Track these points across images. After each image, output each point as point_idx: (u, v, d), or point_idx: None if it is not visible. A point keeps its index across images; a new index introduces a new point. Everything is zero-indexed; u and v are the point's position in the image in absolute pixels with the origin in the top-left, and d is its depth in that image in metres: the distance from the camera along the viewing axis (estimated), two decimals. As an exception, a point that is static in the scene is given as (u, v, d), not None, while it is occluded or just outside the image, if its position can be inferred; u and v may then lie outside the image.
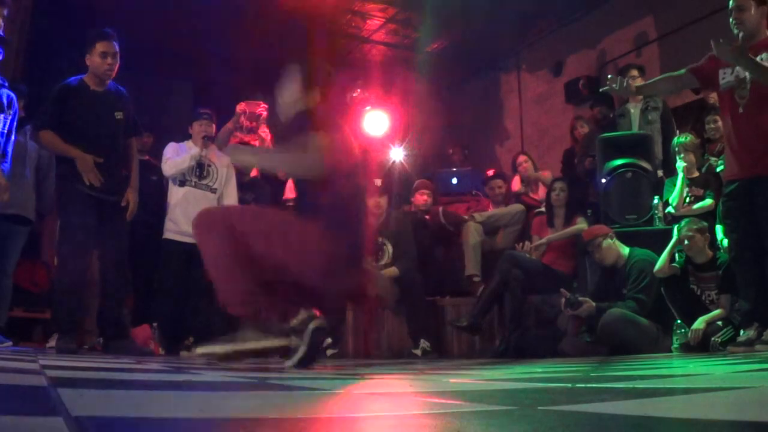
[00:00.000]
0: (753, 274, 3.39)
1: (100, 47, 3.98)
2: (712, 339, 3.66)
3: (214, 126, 4.93)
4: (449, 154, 7.36)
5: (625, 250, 4.29)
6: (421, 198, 5.71)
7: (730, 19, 3.45)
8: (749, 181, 3.40)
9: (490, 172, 6.08)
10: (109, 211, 4.09)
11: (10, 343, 4.09)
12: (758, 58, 3.30)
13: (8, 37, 3.99)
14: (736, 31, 3.40)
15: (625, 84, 3.63)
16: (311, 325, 2.49)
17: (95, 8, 5.92)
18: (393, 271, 4.76)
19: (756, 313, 3.35)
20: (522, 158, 6.08)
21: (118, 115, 4.13)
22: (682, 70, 3.67)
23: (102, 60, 3.99)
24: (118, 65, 4.06)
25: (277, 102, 2.88)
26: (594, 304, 4.12)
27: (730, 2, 3.47)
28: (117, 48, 4.03)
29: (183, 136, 4.94)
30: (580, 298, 4.16)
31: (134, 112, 4.33)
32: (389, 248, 4.93)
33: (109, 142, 4.09)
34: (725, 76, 3.48)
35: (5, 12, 3.75)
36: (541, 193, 5.74)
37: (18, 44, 5.13)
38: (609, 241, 4.28)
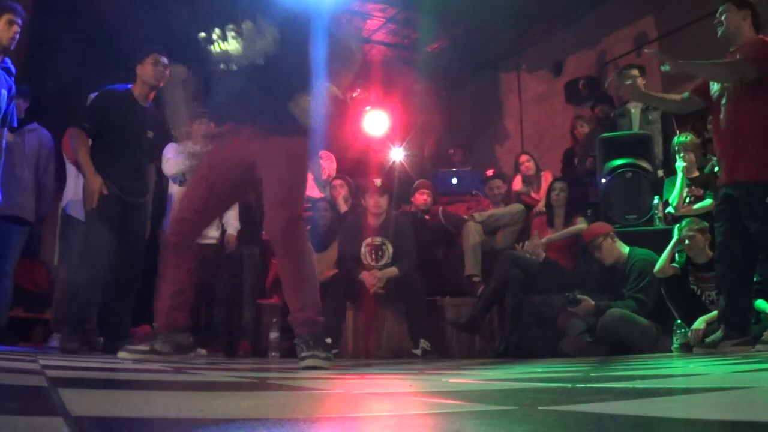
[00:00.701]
0: (732, 276, 3.46)
1: (153, 57, 4.15)
2: (705, 340, 3.68)
3: (213, 125, 4.94)
4: (450, 154, 7.36)
5: (626, 250, 4.29)
6: (421, 198, 5.71)
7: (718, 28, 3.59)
8: (732, 186, 3.48)
9: (490, 172, 6.08)
10: (131, 213, 4.13)
11: None
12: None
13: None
14: (719, 34, 3.56)
15: (630, 81, 3.77)
16: None
17: (95, 8, 5.92)
18: (393, 271, 4.77)
19: (726, 315, 3.41)
20: (524, 158, 6.09)
21: (149, 134, 4.23)
22: (686, 94, 3.80)
23: (154, 68, 4.14)
24: (167, 78, 4.21)
25: None
26: (593, 302, 4.12)
27: (718, 11, 3.62)
28: (167, 62, 4.20)
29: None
30: (579, 296, 4.17)
31: (162, 139, 4.44)
32: (389, 248, 4.93)
33: (137, 154, 4.18)
34: (713, 85, 3.59)
35: (18, 20, 3.75)
36: (543, 192, 5.74)
37: (18, 44, 5.12)
38: (609, 241, 4.29)
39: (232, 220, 4.87)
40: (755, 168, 3.36)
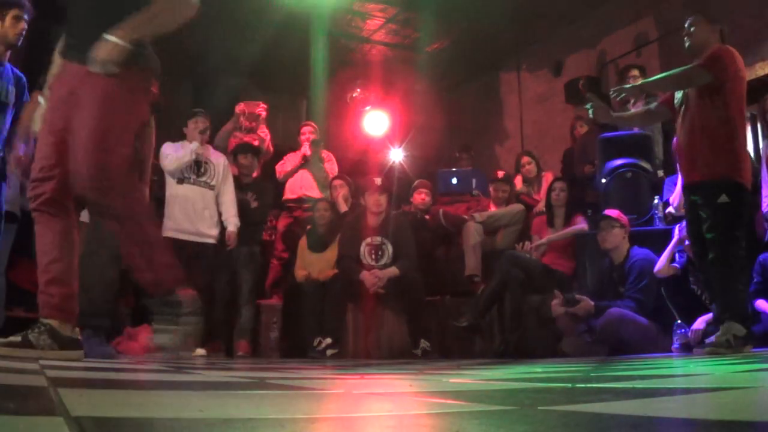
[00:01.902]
0: (713, 281, 3.48)
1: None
2: (704, 340, 3.68)
3: (209, 123, 4.95)
4: (456, 157, 7.35)
5: (627, 247, 4.30)
6: (419, 197, 5.74)
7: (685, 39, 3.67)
8: (689, 188, 3.56)
9: (500, 173, 6.08)
10: None
11: None
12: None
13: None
14: (686, 47, 3.66)
15: (601, 105, 3.91)
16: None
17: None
18: (393, 270, 4.77)
19: (725, 314, 3.42)
20: (525, 159, 6.09)
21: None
22: (653, 105, 3.97)
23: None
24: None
25: None
26: (592, 303, 4.12)
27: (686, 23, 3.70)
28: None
29: (181, 136, 4.97)
30: (577, 296, 4.16)
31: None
32: (389, 248, 4.94)
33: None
34: (677, 95, 3.68)
35: (25, 16, 3.63)
36: (544, 193, 5.74)
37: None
38: (622, 231, 4.30)
39: (231, 217, 4.86)
40: (707, 167, 3.43)
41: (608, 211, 4.43)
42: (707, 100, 3.48)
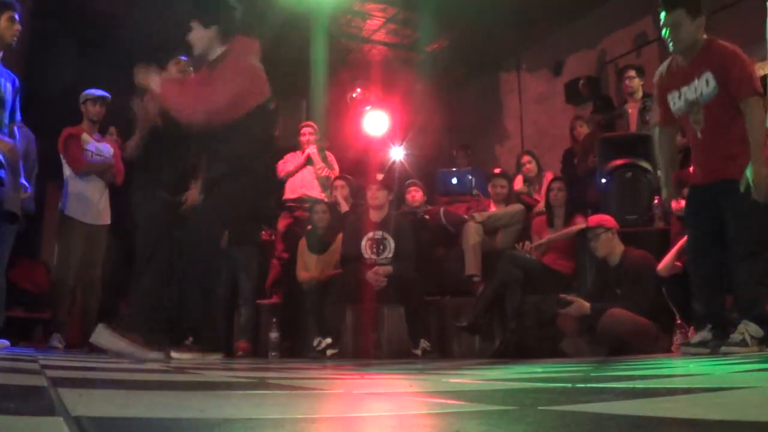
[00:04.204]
0: (709, 276, 3.44)
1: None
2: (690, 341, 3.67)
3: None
4: (453, 156, 7.35)
5: (620, 249, 4.29)
6: (411, 195, 5.76)
7: (664, 32, 3.43)
8: (713, 185, 3.44)
9: (497, 170, 6.08)
10: None
11: (7, 343, 4.08)
12: (698, 81, 3.37)
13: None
14: (672, 49, 3.42)
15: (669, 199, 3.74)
16: None
17: (95, 8, 5.93)
18: (387, 269, 4.81)
19: (710, 315, 3.39)
20: (526, 158, 6.08)
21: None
22: (656, 129, 3.78)
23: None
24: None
25: None
26: (587, 304, 4.12)
27: (662, 18, 3.44)
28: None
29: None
30: (569, 298, 4.17)
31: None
32: (391, 242, 4.96)
33: None
34: (674, 101, 3.51)
35: (16, 16, 3.71)
36: (544, 193, 5.74)
37: (18, 44, 5.13)
38: (610, 235, 4.29)
39: None
40: (737, 166, 3.35)
41: (590, 219, 4.43)
42: (729, 102, 3.34)
